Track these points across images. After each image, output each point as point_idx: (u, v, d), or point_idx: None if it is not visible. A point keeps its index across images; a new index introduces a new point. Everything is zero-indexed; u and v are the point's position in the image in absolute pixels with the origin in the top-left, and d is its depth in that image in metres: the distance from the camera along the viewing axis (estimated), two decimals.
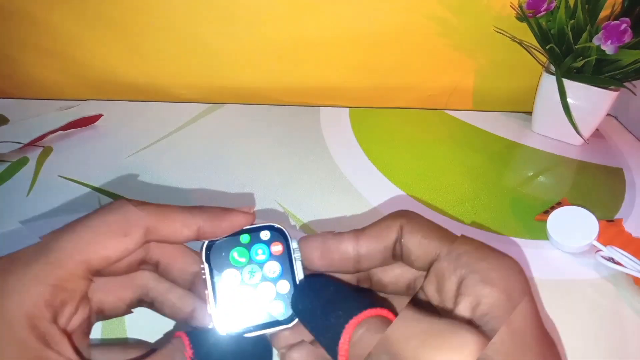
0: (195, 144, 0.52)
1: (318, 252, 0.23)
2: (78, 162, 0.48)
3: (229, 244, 0.24)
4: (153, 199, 0.22)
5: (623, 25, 0.43)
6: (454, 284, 0.19)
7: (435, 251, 0.21)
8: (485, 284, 0.19)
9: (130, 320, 0.32)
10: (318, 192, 0.46)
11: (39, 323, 0.18)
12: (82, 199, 0.43)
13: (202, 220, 0.22)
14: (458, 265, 0.20)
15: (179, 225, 0.22)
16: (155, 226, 0.21)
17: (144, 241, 0.21)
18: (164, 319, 0.25)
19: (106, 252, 0.20)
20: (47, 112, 0.57)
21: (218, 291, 0.23)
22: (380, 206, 0.43)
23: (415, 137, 0.56)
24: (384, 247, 0.23)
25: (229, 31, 0.60)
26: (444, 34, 0.60)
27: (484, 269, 0.19)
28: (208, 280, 0.23)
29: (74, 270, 0.19)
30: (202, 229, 0.22)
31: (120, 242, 0.20)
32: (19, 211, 0.42)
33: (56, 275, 0.18)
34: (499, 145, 0.55)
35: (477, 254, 0.20)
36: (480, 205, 0.45)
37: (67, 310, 0.19)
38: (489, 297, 0.18)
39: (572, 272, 0.38)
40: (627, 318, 0.35)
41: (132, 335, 0.31)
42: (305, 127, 0.57)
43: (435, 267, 0.21)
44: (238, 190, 0.45)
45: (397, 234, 0.22)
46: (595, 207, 0.41)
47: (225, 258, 0.23)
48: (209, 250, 0.23)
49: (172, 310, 0.24)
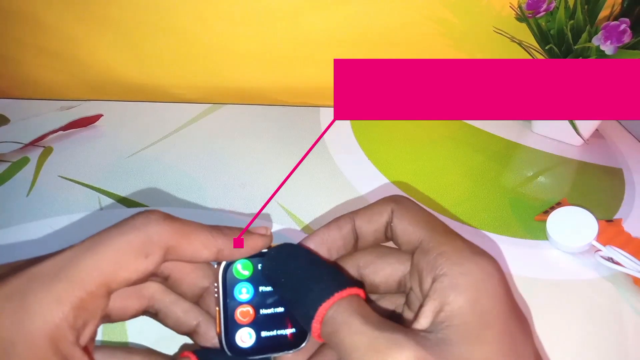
0: (195, 144, 0.52)
1: (325, 247, 0.24)
2: (78, 162, 0.49)
3: (247, 265, 0.24)
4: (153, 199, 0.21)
5: (622, 25, 0.43)
6: (428, 285, 0.20)
7: (418, 237, 0.21)
8: (451, 290, 0.18)
9: (131, 324, 0.32)
10: (318, 192, 0.46)
11: (62, 345, 0.18)
12: (82, 199, 0.43)
13: (222, 242, 0.22)
14: (434, 266, 0.20)
15: (200, 246, 0.21)
16: (175, 246, 0.21)
17: (163, 260, 0.21)
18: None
19: (127, 275, 0.19)
20: (47, 112, 0.57)
21: (228, 311, 0.23)
22: None
23: (415, 137, 0.56)
24: (375, 230, 0.23)
25: (229, 31, 0.60)
26: (444, 34, 0.60)
27: (456, 274, 0.19)
28: (220, 300, 0.23)
29: (96, 291, 0.19)
30: (221, 251, 0.22)
31: (141, 263, 0.20)
32: (19, 211, 0.42)
33: (78, 296, 0.18)
34: (499, 145, 0.55)
35: (454, 257, 0.20)
36: (480, 205, 0.45)
37: (88, 330, 0.19)
38: (452, 304, 0.18)
39: (571, 272, 0.38)
40: (626, 318, 0.35)
41: (133, 338, 0.32)
42: (305, 127, 0.57)
43: (416, 263, 0.21)
44: (238, 190, 0.45)
45: (388, 217, 0.23)
46: (595, 207, 0.41)
47: (240, 279, 0.23)
48: (225, 271, 0.23)
49: (176, 323, 0.24)
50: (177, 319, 0.24)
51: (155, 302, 0.24)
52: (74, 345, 0.18)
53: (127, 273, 0.19)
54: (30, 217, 0.41)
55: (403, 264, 0.23)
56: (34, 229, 0.40)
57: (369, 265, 0.24)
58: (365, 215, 0.24)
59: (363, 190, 0.46)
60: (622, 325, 0.34)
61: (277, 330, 0.23)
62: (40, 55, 0.61)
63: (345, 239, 0.24)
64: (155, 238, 0.20)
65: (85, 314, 0.18)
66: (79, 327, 0.18)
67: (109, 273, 0.19)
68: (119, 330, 0.32)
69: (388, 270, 0.24)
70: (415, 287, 0.21)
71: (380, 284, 0.24)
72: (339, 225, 0.24)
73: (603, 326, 0.34)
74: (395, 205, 0.23)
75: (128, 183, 0.46)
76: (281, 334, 0.23)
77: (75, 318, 0.18)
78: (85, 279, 0.18)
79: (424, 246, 0.21)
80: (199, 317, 0.24)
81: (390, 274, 0.24)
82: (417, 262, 0.21)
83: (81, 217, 0.41)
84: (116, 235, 0.20)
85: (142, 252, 0.20)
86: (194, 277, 0.24)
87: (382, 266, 0.24)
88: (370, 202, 0.24)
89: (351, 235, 0.24)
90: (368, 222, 0.24)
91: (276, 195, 0.45)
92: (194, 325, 0.24)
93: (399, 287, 0.24)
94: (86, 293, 0.18)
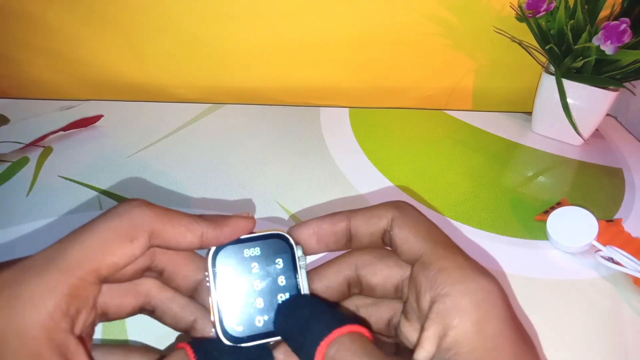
0: (195, 144, 0.52)
1: (315, 239, 0.24)
2: (78, 162, 0.49)
3: (235, 251, 0.24)
4: (153, 199, 0.21)
5: (622, 25, 0.43)
6: (427, 303, 0.19)
7: (419, 250, 0.21)
8: (455, 312, 0.18)
9: (131, 321, 0.32)
10: (318, 192, 0.46)
11: (56, 335, 0.18)
12: (82, 199, 0.43)
13: (205, 225, 0.22)
14: (434, 283, 0.19)
15: (183, 229, 0.21)
16: (160, 230, 0.21)
17: (149, 245, 0.21)
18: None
19: (114, 259, 0.20)
20: (47, 112, 0.57)
21: (221, 298, 0.23)
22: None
23: (415, 137, 0.56)
24: (371, 233, 0.23)
25: (229, 31, 0.60)
26: (444, 34, 0.60)
27: (458, 294, 0.18)
28: (212, 287, 0.23)
29: (86, 277, 0.19)
30: (205, 234, 0.22)
31: (127, 247, 0.20)
32: (19, 211, 0.42)
33: (69, 283, 0.18)
34: (499, 145, 0.55)
35: (455, 274, 0.19)
36: (480, 205, 0.45)
37: (81, 318, 0.19)
38: (457, 328, 0.18)
39: (571, 272, 0.38)
40: (626, 318, 0.35)
41: (132, 336, 0.32)
42: (305, 127, 0.57)
43: (415, 277, 0.21)
44: (238, 190, 0.45)
45: (387, 225, 0.23)
46: (595, 207, 0.41)
47: (230, 265, 0.23)
48: (215, 257, 0.23)
49: (174, 320, 0.24)
50: (174, 315, 0.24)
51: (151, 298, 0.24)
52: (67, 333, 0.18)
53: (115, 258, 0.20)
54: (30, 217, 0.41)
55: (402, 269, 0.23)
56: (34, 229, 0.40)
57: (367, 266, 0.24)
58: (363, 216, 0.23)
59: (363, 190, 0.46)
60: (622, 325, 0.34)
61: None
62: (41, 55, 0.61)
63: (337, 235, 0.24)
64: (138, 222, 0.20)
65: (77, 301, 0.19)
66: (72, 315, 0.19)
67: (96, 259, 0.19)
68: (119, 329, 0.32)
69: (386, 273, 0.23)
70: (412, 299, 0.21)
71: (377, 286, 0.24)
72: (334, 220, 0.24)
73: (603, 326, 0.34)
74: (397, 212, 0.23)
75: (128, 183, 0.46)
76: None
77: (67, 306, 0.18)
78: (74, 267, 0.19)
79: (424, 259, 0.20)
80: (195, 312, 0.24)
81: (388, 277, 0.23)
82: (416, 276, 0.20)
83: (81, 217, 0.41)
84: (101, 224, 0.20)
85: (128, 237, 0.20)
86: (187, 269, 0.24)
87: (381, 268, 0.24)
88: (369, 202, 0.24)
89: (344, 232, 0.24)
90: (365, 224, 0.23)
91: (276, 195, 0.45)
92: (192, 320, 0.24)
93: (396, 292, 0.24)
94: (77, 280, 0.19)
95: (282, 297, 0.23)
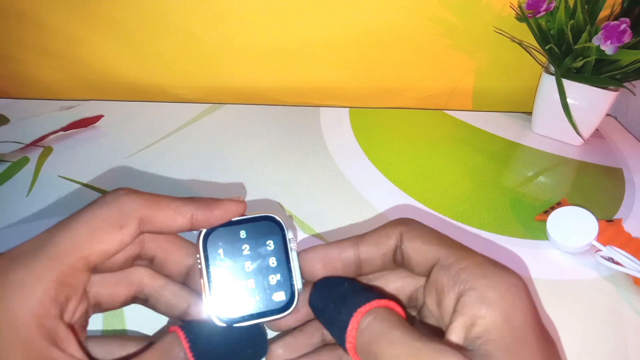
0: (195, 144, 0.52)
1: (320, 264, 0.23)
2: (78, 162, 0.49)
3: (226, 233, 0.24)
4: None
5: (622, 25, 0.43)
6: (452, 300, 0.19)
7: (435, 255, 0.21)
8: (482, 304, 0.18)
9: (129, 312, 0.32)
10: (318, 192, 0.46)
11: (46, 321, 0.18)
12: (82, 199, 0.43)
13: (194, 208, 0.22)
14: (457, 281, 0.19)
15: (173, 213, 0.22)
16: (149, 216, 0.21)
17: (139, 232, 0.21)
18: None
19: (103, 246, 0.20)
20: (47, 112, 0.57)
21: (213, 280, 0.23)
22: (380, 207, 0.43)
23: (415, 137, 0.56)
24: (383, 254, 0.23)
25: (229, 31, 0.60)
26: (444, 34, 0.60)
27: (483, 287, 0.18)
28: (203, 269, 0.23)
29: (75, 265, 0.19)
30: (195, 216, 0.22)
31: (116, 234, 0.20)
32: (19, 211, 0.42)
33: (58, 270, 0.18)
34: (499, 145, 0.55)
35: (477, 270, 0.19)
36: (480, 205, 0.45)
37: (71, 305, 0.19)
38: (485, 318, 0.18)
39: (571, 272, 0.38)
40: (626, 318, 0.35)
41: (131, 327, 0.32)
42: (305, 127, 0.57)
43: (435, 280, 0.21)
44: (238, 190, 0.45)
45: (397, 241, 0.22)
46: (595, 207, 0.41)
47: (221, 247, 0.23)
48: (206, 239, 0.23)
49: (167, 307, 0.24)
50: (168, 302, 0.24)
51: (144, 287, 0.24)
52: (57, 320, 0.18)
53: (104, 245, 0.20)
54: (30, 217, 0.41)
55: (415, 279, 0.23)
56: (34, 229, 0.40)
57: (380, 278, 0.24)
58: (371, 238, 0.23)
59: (363, 191, 0.46)
60: (622, 325, 0.34)
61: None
62: (41, 55, 0.61)
63: (344, 262, 0.23)
64: (126, 210, 0.20)
65: (66, 289, 0.19)
66: (62, 302, 0.19)
67: (85, 246, 0.19)
68: (118, 319, 0.32)
69: (399, 284, 0.24)
70: (431, 302, 0.21)
71: (390, 297, 0.24)
72: (341, 247, 0.23)
73: (603, 326, 0.34)
74: (404, 227, 0.23)
75: (128, 183, 0.45)
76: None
77: (57, 292, 0.18)
78: (63, 255, 0.19)
79: (443, 262, 0.20)
80: (189, 299, 0.24)
81: (401, 287, 0.24)
82: (436, 278, 0.20)
83: None
84: (89, 212, 0.20)
85: (116, 224, 0.20)
86: (178, 255, 0.24)
87: (394, 279, 0.24)
88: (370, 202, 0.24)
89: (352, 260, 0.23)
90: (375, 246, 0.23)
91: (276, 195, 0.45)
92: (185, 307, 0.24)
93: (409, 302, 0.24)
94: (66, 267, 0.19)
95: (273, 278, 0.24)
